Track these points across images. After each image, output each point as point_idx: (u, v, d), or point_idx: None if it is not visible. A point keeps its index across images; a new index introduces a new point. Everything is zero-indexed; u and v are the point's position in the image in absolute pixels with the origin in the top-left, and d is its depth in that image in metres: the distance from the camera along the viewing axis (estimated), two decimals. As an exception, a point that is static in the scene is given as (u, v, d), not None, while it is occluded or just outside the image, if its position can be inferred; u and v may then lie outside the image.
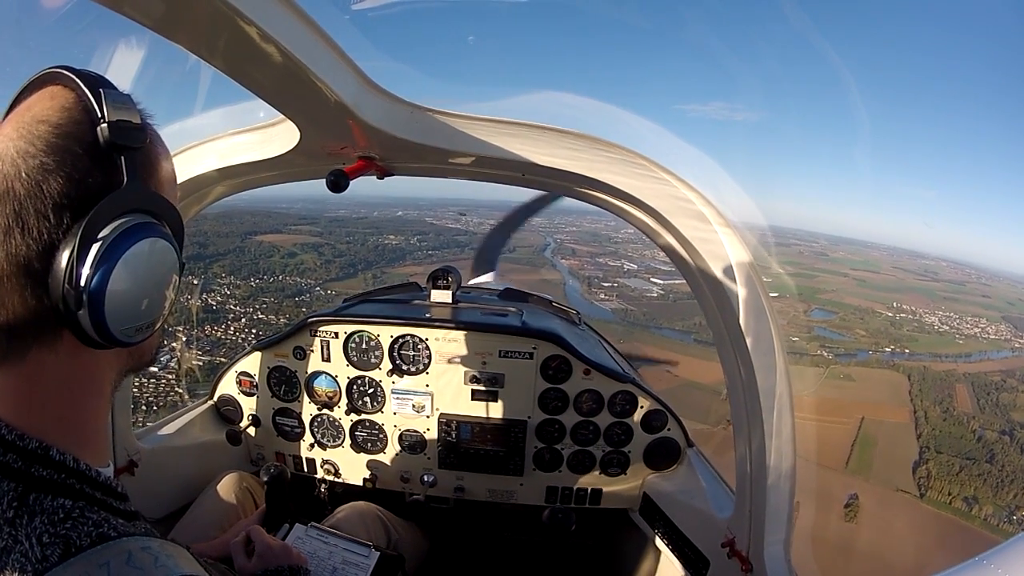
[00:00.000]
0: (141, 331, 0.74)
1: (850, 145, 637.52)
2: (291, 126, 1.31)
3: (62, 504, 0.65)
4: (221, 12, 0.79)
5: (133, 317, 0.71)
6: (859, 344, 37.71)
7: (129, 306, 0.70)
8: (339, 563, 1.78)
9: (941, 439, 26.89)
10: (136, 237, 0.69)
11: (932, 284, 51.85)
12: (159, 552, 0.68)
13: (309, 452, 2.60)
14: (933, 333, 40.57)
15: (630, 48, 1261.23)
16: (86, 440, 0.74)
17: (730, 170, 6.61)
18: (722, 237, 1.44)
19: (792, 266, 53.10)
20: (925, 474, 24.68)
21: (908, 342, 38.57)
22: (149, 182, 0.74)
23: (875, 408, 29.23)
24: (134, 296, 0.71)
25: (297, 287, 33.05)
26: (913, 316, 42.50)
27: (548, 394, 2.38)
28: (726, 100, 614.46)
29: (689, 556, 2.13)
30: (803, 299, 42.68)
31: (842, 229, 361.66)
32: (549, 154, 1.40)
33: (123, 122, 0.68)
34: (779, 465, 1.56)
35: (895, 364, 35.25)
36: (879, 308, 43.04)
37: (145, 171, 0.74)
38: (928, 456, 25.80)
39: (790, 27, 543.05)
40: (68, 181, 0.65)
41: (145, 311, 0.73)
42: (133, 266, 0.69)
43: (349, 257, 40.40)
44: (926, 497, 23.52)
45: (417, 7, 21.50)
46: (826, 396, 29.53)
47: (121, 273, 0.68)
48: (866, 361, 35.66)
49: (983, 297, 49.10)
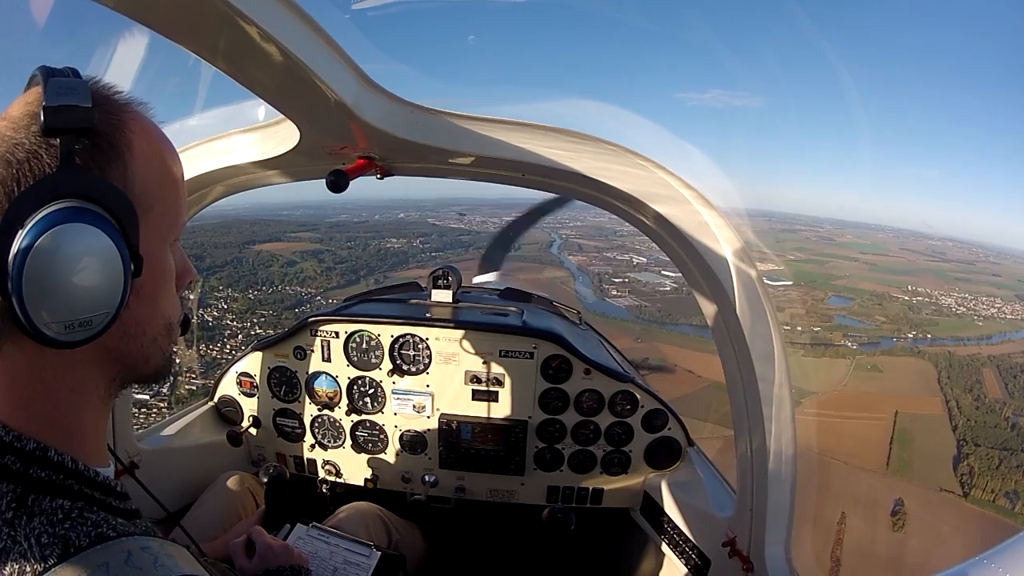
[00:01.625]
0: (73, 329, 0.66)
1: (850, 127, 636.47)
2: (291, 126, 1.30)
3: (61, 505, 0.65)
4: (221, 12, 0.79)
5: (60, 311, 0.65)
6: (881, 331, 37.21)
7: (49, 296, 0.64)
8: (340, 563, 1.78)
9: (977, 430, 26.05)
10: (55, 221, 0.64)
11: (942, 265, 51.11)
12: (159, 552, 0.68)
13: (310, 453, 2.60)
14: (952, 316, 39.93)
15: (629, 44, 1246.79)
16: (83, 441, 0.74)
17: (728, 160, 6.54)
18: (715, 230, 1.44)
19: (802, 252, 52.44)
20: (967, 470, 23.73)
21: (929, 326, 38.01)
22: (108, 169, 0.69)
23: (906, 400, 28.50)
24: (54, 288, 0.64)
25: (297, 297, 32.10)
26: (930, 299, 41.96)
27: (549, 394, 2.38)
28: (725, 88, 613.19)
29: (690, 555, 2.13)
30: (817, 286, 42.18)
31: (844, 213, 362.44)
32: (549, 154, 1.40)
33: (64, 107, 0.65)
34: (780, 464, 1.56)
35: (920, 351, 34.58)
36: (895, 292, 42.49)
37: (103, 158, 0.69)
38: (967, 450, 24.85)
39: (786, 11, 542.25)
40: (7, 169, 0.64)
41: (74, 306, 0.66)
42: (52, 255, 0.64)
43: (351, 263, 39.67)
44: (970, 496, 22.53)
45: (417, 7, 21.34)
46: (856, 390, 28.98)
47: (37, 259, 0.63)
48: (890, 349, 35.06)
49: (994, 276, 48.54)
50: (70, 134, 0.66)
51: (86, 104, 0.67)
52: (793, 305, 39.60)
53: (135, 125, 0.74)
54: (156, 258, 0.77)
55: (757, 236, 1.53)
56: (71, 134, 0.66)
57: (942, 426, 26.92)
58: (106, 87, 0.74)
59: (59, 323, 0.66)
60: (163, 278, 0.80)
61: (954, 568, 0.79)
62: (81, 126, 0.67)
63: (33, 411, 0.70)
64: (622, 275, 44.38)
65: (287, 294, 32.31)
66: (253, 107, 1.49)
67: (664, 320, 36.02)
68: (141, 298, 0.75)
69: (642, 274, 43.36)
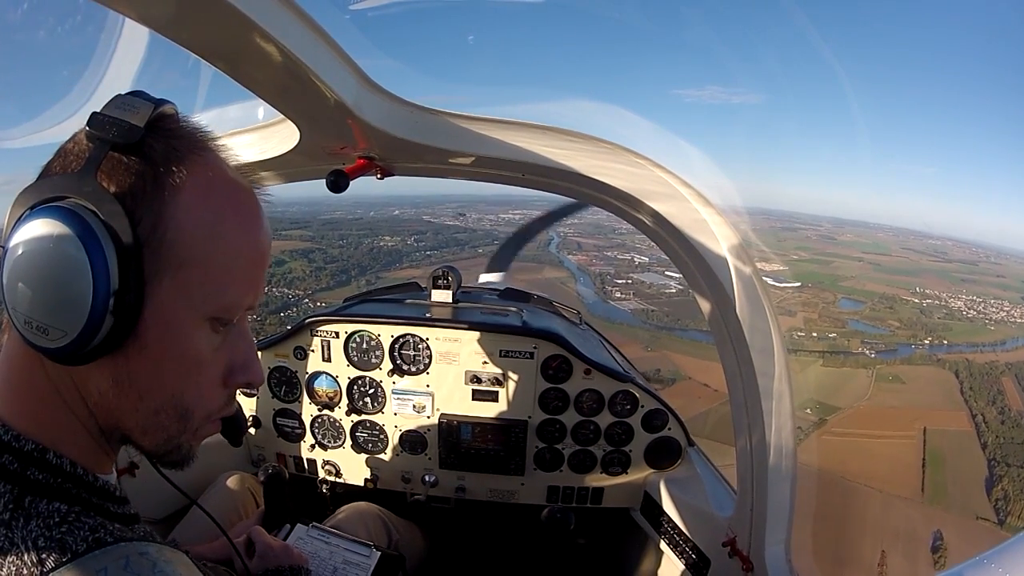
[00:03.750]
0: (32, 329, 0.63)
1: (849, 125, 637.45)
2: (291, 126, 1.30)
3: (57, 508, 0.65)
4: (221, 12, 0.78)
5: (20, 305, 0.63)
6: (896, 338, 36.93)
7: (20, 296, 0.63)
8: (340, 563, 1.78)
9: (1007, 448, 25.31)
10: (31, 219, 0.62)
11: (945, 265, 51.00)
12: (157, 558, 0.67)
13: (310, 453, 2.60)
14: (964, 320, 39.67)
15: (627, 42, 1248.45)
16: (87, 446, 0.73)
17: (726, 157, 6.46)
18: (714, 228, 1.44)
19: (805, 251, 51.62)
20: (1001, 495, 22.96)
21: (943, 332, 37.64)
22: (138, 198, 0.65)
23: (933, 415, 27.72)
24: (23, 286, 0.63)
25: (284, 300, 30.71)
26: (939, 302, 41.63)
27: (548, 394, 2.38)
28: (723, 84, 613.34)
29: (690, 555, 2.13)
30: (825, 287, 41.55)
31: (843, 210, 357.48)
32: (549, 153, 1.40)
33: (111, 118, 0.66)
34: (780, 464, 1.56)
35: (938, 359, 34.18)
36: (904, 295, 42.16)
37: (138, 184, 0.65)
38: (999, 471, 24.08)
39: (784, 8, 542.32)
40: (57, 156, 0.68)
41: (31, 305, 0.62)
42: (22, 250, 0.62)
43: (342, 263, 38.56)
44: (1006, 524, 21.66)
45: (417, 7, 21.30)
46: (881, 404, 28.41)
47: (11, 251, 0.63)
48: (909, 358, 34.75)
49: (998, 277, 48.44)
50: (106, 144, 0.65)
51: (136, 124, 0.65)
52: (805, 308, 38.91)
53: (198, 172, 0.68)
54: (173, 322, 0.68)
55: (757, 235, 1.53)
56: (107, 145, 0.65)
57: (971, 443, 26.31)
58: (189, 125, 0.72)
59: (20, 317, 0.63)
60: (177, 349, 0.70)
61: (954, 568, 0.79)
62: (117, 140, 0.65)
63: (36, 413, 0.69)
64: (625, 276, 43.33)
65: (273, 296, 31.25)
66: (253, 107, 1.49)
67: (673, 325, 35.11)
68: (143, 355, 0.68)
69: (645, 275, 42.31)
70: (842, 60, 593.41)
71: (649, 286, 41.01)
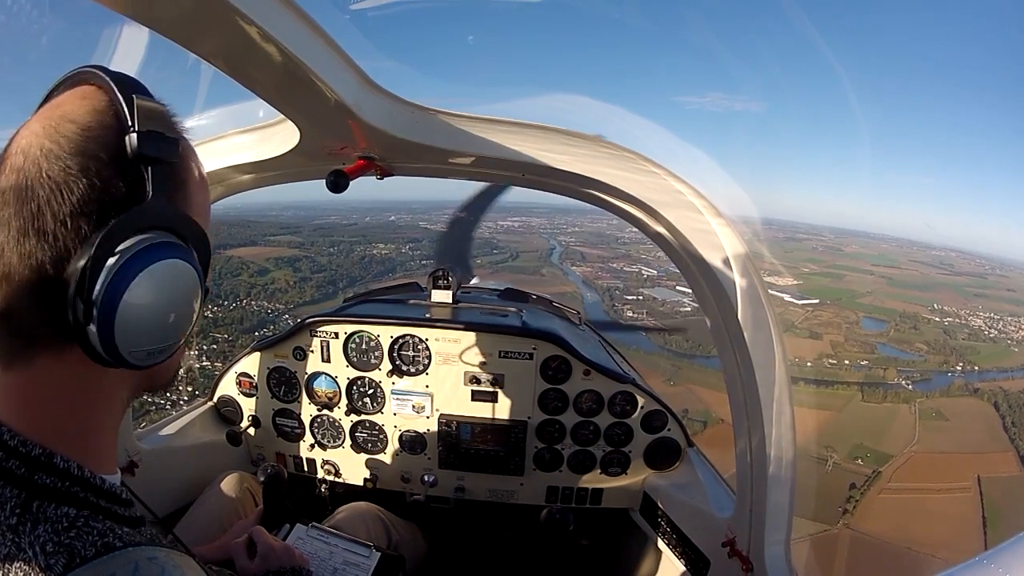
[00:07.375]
0: (152, 355, 0.70)
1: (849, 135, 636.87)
2: (291, 126, 1.30)
3: (66, 512, 0.64)
4: (221, 12, 0.78)
5: (145, 340, 0.67)
6: (928, 364, 35.12)
7: (141, 328, 0.66)
8: (340, 563, 1.78)
9: None
10: (155, 256, 0.65)
11: (956, 279, 49.79)
12: (166, 563, 0.67)
13: (309, 453, 2.60)
14: (987, 341, 38.22)
15: (629, 45, 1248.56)
16: (93, 449, 0.72)
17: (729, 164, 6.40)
18: (718, 231, 1.44)
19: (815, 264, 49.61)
20: None
21: (971, 355, 35.97)
22: (175, 198, 0.70)
23: (983, 460, 25.80)
24: (147, 318, 0.67)
25: (260, 317, 28.52)
26: (960, 320, 40.17)
27: (548, 394, 2.38)
28: (725, 91, 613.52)
29: (689, 555, 2.13)
30: (844, 305, 39.71)
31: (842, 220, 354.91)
32: (549, 154, 1.40)
33: (154, 133, 0.65)
34: (779, 464, 1.56)
35: (976, 389, 32.22)
36: (924, 312, 40.48)
37: (172, 186, 0.70)
38: None
39: (786, 16, 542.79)
40: (90, 188, 0.63)
41: (158, 335, 0.69)
42: (149, 286, 0.65)
43: (329, 272, 36.36)
44: None
45: (417, 7, 21.20)
46: (930, 447, 26.61)
47: (135, 292, 0.64)
48: (947, 389, 32.62)
49: (1008, 291, 47.35)
50: (160, 164, 0.67)
51: (172, 135, 0.68)
52: (829, 330, 37.04)
53: (190, 152, 0.75)
54: None
55: (763, 244, 1.53)
56: (160, 164, 0.67)
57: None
58: (168, 110, 0.72)
59: (141, 350, 0.68)
60: None
61: (954, 568, 0.79)
62: (168, 159, 0.67)
63: (51, 420, 0.69)
64: (635, 291, 40.79)
65: (250, 311, 29.17)
66: (253, 107, 1.49)
67: (693, 353, 32.64)
68: None
69: (656, 290, 39.98)
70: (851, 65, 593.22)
71: (662, 303, 38.59)
